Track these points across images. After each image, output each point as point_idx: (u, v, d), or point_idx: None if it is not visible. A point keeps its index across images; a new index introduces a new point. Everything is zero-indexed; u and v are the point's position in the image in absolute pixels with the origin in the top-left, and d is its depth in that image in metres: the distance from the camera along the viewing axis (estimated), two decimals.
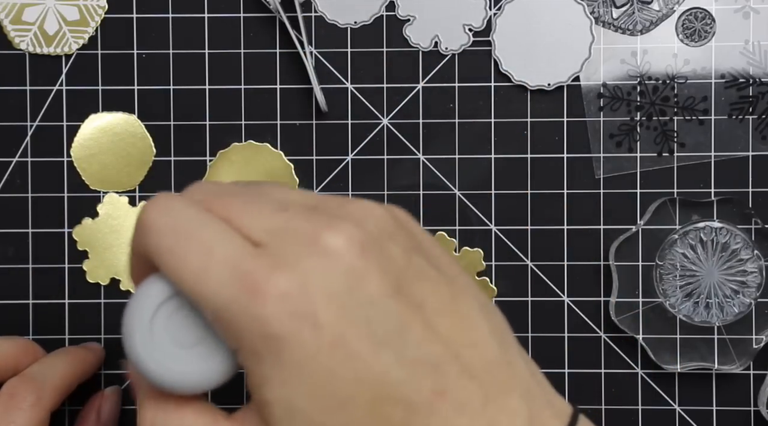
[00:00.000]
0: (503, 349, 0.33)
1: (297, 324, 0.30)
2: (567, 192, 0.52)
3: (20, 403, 0.44)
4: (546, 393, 0.34)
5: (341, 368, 0.30)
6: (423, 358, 0.31)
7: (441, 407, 0.31)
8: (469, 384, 0.31)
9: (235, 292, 0.30)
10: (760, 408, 0.51)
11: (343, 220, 0.31)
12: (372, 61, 0.52)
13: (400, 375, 0.31)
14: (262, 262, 0.30)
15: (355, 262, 0.31)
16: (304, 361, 0.30)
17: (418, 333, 0.31)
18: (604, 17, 0.52)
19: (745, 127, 0.52)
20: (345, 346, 0.30)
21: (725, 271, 0.51)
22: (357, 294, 0.30)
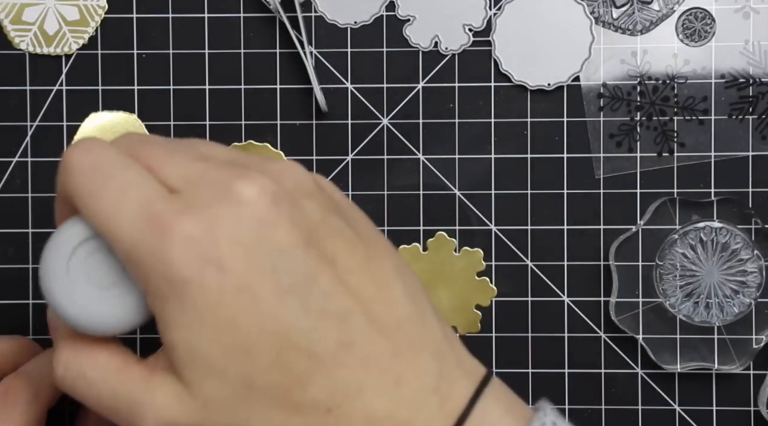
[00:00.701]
0: (416, 309, 0.33)
1: (201, 268, 0.30)
2: (567, 192, 0.52)
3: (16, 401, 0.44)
4: (457, 354, 0.34)
5: (245, 315, 0.30)
6: (330, 309, 0.31)
7: (346, 359, 0.31)
8: (377, 338, 0.32)
9: (143, 233, 0.31)
10: (760, 408, 0.51)
11: (260, 173, 0.32)
12: (372, 61, 0.52)
13: (304, 325, 0.31)
14: (172, 206, 0.31)
15: (264, 211, 0.31)
16: (207, 306, 0.30)
17: (326, 285, 0.31)
18: (604, 17, 0.52)
19: (745, 127, 0.52)
20: (249, 293, 0.30)
21: (725, 271, 0.51)
22: (264, 242, 0.31)
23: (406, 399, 0.32)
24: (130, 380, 0.33)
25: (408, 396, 0.32)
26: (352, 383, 0.31)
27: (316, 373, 0.31)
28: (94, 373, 0.34)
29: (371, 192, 0.52)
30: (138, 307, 0.33)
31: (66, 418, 0.53)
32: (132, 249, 0.31)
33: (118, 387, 0.33)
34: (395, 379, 0.32)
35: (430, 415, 0.32)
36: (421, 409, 0.32)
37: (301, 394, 0.31)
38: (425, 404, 0.32)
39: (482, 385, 0.33)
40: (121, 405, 0.33)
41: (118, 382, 0.33)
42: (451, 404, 0.32)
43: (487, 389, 0.33)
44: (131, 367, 0.33)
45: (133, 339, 0.53)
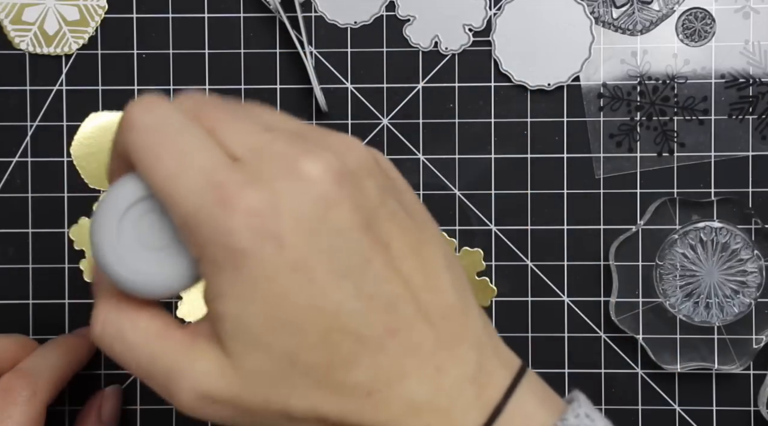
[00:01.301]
0: (461, 300, 0.33)
1: (260, 241, 0.30)
2: (567, 192, 0.52)
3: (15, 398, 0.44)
4: (496, 345, 0.34)
5: (297, 292, 0.30)
6: (381, 294, 0.31)
7: (391, 345, 0.31)
8: (423, 327, 0.32)
9: (204, 200, 0.30)
10: (760, 408, 0.51)
11: (325, 149, 0.31)
12: (372, 61, 0.52)
13: (355, 307, 0.31)
14: (236, 176, 0.30)
15: (329, 190, 0.31)
16: (262, 280, 0.30)
17: (379, 270, 0.31)
18: (604, 17, 0.52)
19: (745, 127, 0.52)
20: (305, 271, 0.30)
21: (725, 271, 0.51)
22: (326, 222, 0.30)
23: (445, 387, 0.32)
24: (170, 346, 0.33)
25: (447, 385, 0.32)
26: (395, 369, 0.31)
27: (360, 356, 0.31)
28: (134, 335, 0.33)
29: None
30: (186, 272, 0.33)
31: (66, 418, 0.53)
32: (191, 215, 0.30)
33: (157, 351, 0.33)
34: (436, 367, 0.32)
35: (468, 405, 0.32)
36: (459, 398, 0.32)
37: (343, 375, 0.31)
38: (463, 393, 0.32)
39: (518, 376, 0.33)
40: (158, 371, 0.33)
41: (157, 346, 0.33)
42: (488, 394, 0.32)
43: (523, 381, 0.33)
44: (172, 332, 0.33)
45: None
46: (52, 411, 0.52)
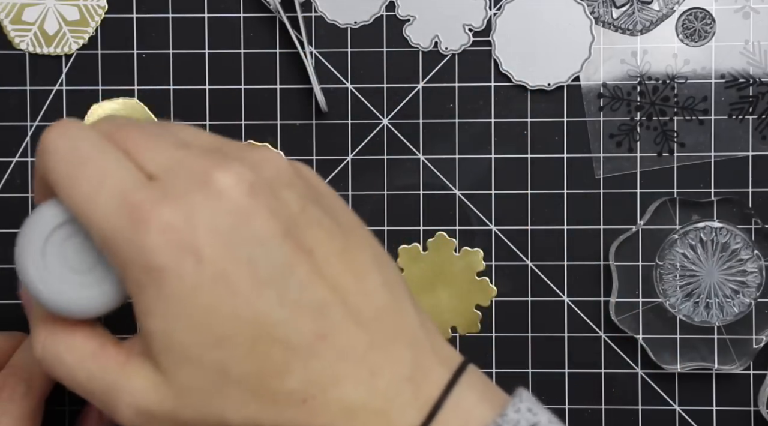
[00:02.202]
0: (393, 299, 0.33)
1: (178, 256, 0.30)
2: (567, 192, 0.52)
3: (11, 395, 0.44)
4: (433, 342, 0.34)
5: (221, 304, 0.31)
6: (307, 301, 0.31)
7: (322, 350, 0.31)
8: (354, 329, 0.32)
9: (120, 221, 0.31)
10: (760, 408, 0.51)
11: (239, 161, 0.32)
12: (372, 61, 0.52)
13: (281, 315, 0.31)
14: (150, 194, 0.31)
15: (242, 201, 0.31)
16: (184, 295, 0.30)
17: (303, 276, 0.31)
18: (604, 17, 0.52)
19: (745, 127, 0.52)
20: (226, 283, 0.31)
21: (725, 271, 0.51)
22: (242, 232, 0.31)
23: (381, 388, 0.32)
24: (105, 365, 0.33)
25: (382, 385, 0.32)
26: (328, 374, 0.31)
27: (291, 363, 0.31)
28: (71, 356, 0.34)
29: (371, 192, 0.52)
30: (113, 292, 0.33)
31: (66, 418, 0.53)
32: (109, 236, 0.31)
33: (94, 371, 0.33)
34: (370, 369, 0.32)
35: (405, 404, 0.32)
36: (396, 398, 0.32)
37: (276, 384, 0.31)
38: (400, 393, 0.32)
39: (458, 373, 0.33)
40: (97, 389, 0.33)
41: (94, 366, 0.33)
42: (426, 393, 0.32)
43: (463, 377, 0.33)
44: (108, 350, 0.33)
45: None
46: (53, 411, 0.52)
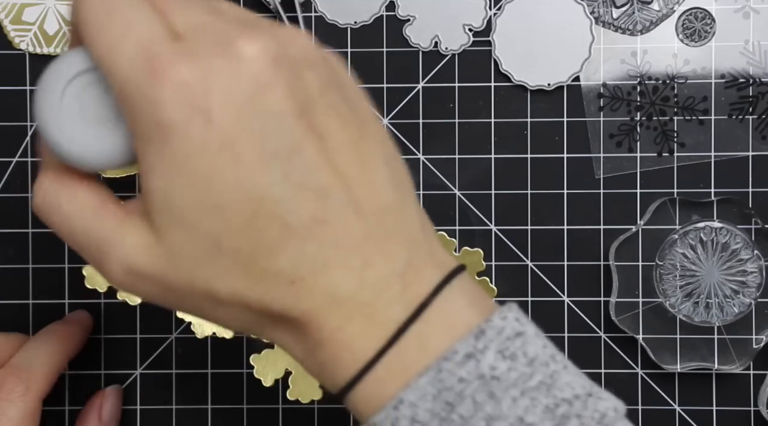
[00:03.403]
0: (398, 198, 0.33)
1: (188, 115, 0.30)
2: (567, 192, 0.52)
3: (9, 395, 0.44)
4: (431, 245, 0.34)
5: (224, 172, 0.30)
6: (310, 183, 0.31)
7: (318, 234, 0.31)
8: (352, 219, 0.32)
9: (138, 72, 0.30)
10: (760, 408, 0.51)
11: (268, 34, 0.31)
12: (372, 61, 0.52)
13: (282, 194, 0.31)
14: (171, 49, 0.30)
15: (262, 72, 0.31)
16: (188, 155, 0.30)
17: (311, 158, 0.31)
18: (604, 17, 0.52)
19: (745, 127, 0.52)
20: (232, 150, 0.30)
21: (725, 271, 0.51)
22: (257, 103, 0.30)
23: (371, 281, 0.32)
24: (103, 219, 0.33)
25: (372, 279, 0.32)
26: (319, 259, 0.31)
27: (285, 243, 0.31)
28: (71, 206, 0.34)
29: None
30: (124, 147, 0.33)
31: (66, 418, 0.53)
32: (125, 85, 0.31)
33: (90, 224, 0.33)
34: (363, 261, 0.32)
35: (392, 299, 0.32)
36: (384, 292, 0.32)
37: (266, 262, 0.31)
38: (388, 288, 0.32)
39: (449, 277, 0.33)
40: (91, 243, 0.33)
41: (92, 218, 0.33)
42: (415, 291, 0.32)
43: (454, 281, 0.33)
44: (107, 206, 0.33)
45: (133, 339, 0.53)
46: (53, 411, 0.52)
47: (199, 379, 0.53)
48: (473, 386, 0.31)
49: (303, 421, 0.52)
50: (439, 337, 0.32)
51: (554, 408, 0.31)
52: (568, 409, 0.31)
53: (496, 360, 0.32)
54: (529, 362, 0.32)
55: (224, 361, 0.52)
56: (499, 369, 0.31)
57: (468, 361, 0.31)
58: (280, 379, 0.51)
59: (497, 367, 0.31)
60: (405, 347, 0.32)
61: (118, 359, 0.53)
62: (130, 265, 0.32)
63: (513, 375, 0.32)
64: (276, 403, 0.52)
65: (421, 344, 0.32)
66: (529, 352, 0.32)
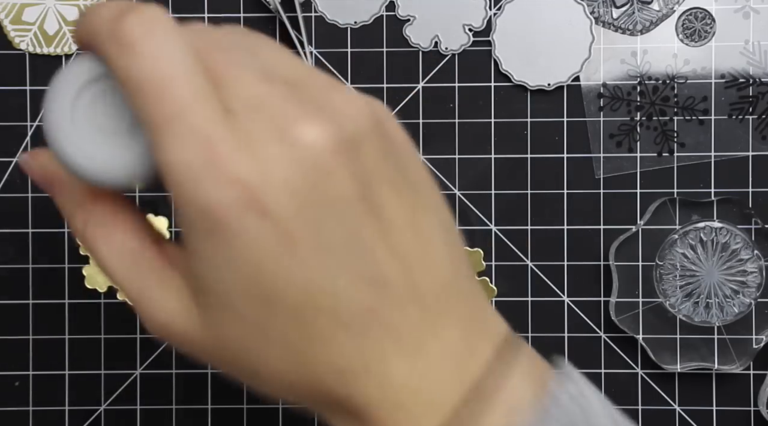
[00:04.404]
0: (455, 272, 0.32)
1: (243, 212, 0.28)
2: (567, 192, 0.52)
3: None
4: (483, 316, 0.32)
5: (277, 266, 0.29)
6: (368, 273, 0.30)
7: (372, 325, 0.30)
8: (409, 307, 0.30)
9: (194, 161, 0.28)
10: (760, 408, 0.51)
11: (323, 111, 0.29)
12: (372, 61, 0.52)
13: (336, 285, 0.29)
14: (229, 140, 0.28)
15: (323, 158, 0.29)
16: (238, 249, 0.29)
17: (370, 245, 0.30)
18: (604, 17, 0.52)
19: (745, 127, 0.52)
20: (287, 243, 0.29)
21: (725, 271, 0.51)
22: (317, 192, 0.29)
23: (426, 369, 0.30)
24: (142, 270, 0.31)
25: (428, 366, 0.30)
26: (374, 350, 0.30)
27: (336, 334, 0.30)
28: (108, 247, 0.32)
29: None
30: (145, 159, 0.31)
31: (66, 417, 0.53)
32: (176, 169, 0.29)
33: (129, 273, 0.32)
34: (416, 347, 0.30)
35: (447, 384, 0.30)
36: (439, 377, 0.31)
37: (316, 352, 0.30)
38: (442, 372, 0.31)
39: (503, 349, 0.32)
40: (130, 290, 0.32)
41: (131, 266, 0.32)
42: (470, 371, 0.31)
43: (508, 353, 0.32)
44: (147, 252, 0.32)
45: (133, 339, 0.53)
46: (53, 411, 0.52)
47: (199, 379, 0.53)
48: None
49: (303, 422, 0.52)
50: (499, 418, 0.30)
51: None
52: None
53: None
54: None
55: None
56: None
57: None
58: None
59: None
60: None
61: (119, 359, 0.53)
62: (165, 324, 0.31)
63: None
64: (276, 403, 0.52)
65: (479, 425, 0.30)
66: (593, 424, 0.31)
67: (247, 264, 0.29)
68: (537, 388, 0.31)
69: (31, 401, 0.53)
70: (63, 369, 0.53)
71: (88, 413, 0.53)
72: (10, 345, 0.53)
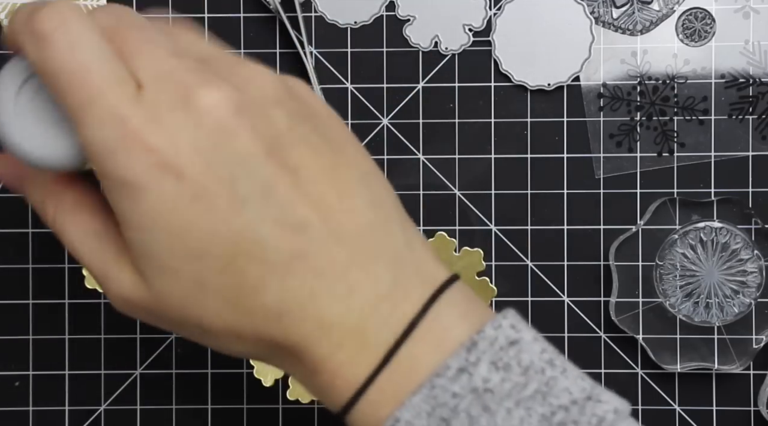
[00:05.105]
0: (378, 217, 0.33)
1: (158, 176, 0.31)
2: (567, 192, 0.52)
3: None
4: (419, 261, 0.34)
5: (199, 221, 0.31)
6: (287, 219, 0.32)
7: (300, 268, 0.32)
8: (334, 248, 0.32)
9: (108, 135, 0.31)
10: (760, 408, 0.51)
11: (225, 79, 0.32)
12: (372, 61, 0.52)
13: (259, 234, 0.31)
14: (138, 112, 0.31)
15: (224, 120, 0.31)
16: (162, 211, 0.31)
17: (285, 194, 0.32)
18: (604, 17, 0.52)
19: (745, 127, 0.52)
20: (205, 201, 0.31)
21: (725, 271, 0.51)
22: (223, 151, 0.31)
23: (357, 306, 0.32)
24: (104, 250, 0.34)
25: (359, 304, 0.32)
26: (305, 291, 0.32)
27: (268, 280, 0.32)
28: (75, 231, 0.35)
29: None
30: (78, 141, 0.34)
31: (66, 417, 0.53)
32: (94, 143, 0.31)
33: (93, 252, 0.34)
34: (348, 287, 0.32)
35: (381, 322, 0.32)
36: (372, 315, 0.32)
37: (252, 299, 0.32)
38: (376, 311, 0.32)
39: (438, 291, 0.33)
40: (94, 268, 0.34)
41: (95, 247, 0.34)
42: (403, 311, 0.32)
43: (444, 295, 0.33)
44: (109, 235, 0.34)
45: (133, 339, 0.53)
46: (53, 411, 0.52)
47: (199, 379, 0.53)
48: (467, 400, 0.31)
49: (303, 421, 0.52)
50: (430, 355, 0.32)
51: (550, 416, 0.31)
52: (564, 416, 0.31)
53: (489, 372, 0.31)
54: (523, 371, 0.32)
55: (224, 361, 0.52)
56: (493, 381, 0.31)
57: (460, 375, 0.31)
58: (280, 379, 0.51)
59: (490, 379, 0.31)
60: (396, 369, 0.32)
61: (119, 359, 0.53)
62: (125, 298, 0.34)
63: (507, 386, 0.31)
64: (276, 403, 0.52)
65: (413, 364, 0.32)
66: (523, 360, 0.32)
67: (170, 223, 0.31)
68: (472, 325, 0.32)
69: (31, 401, 0.53)
70: (63, 369, 0.53)
71: (88, 413, 0.53)
72: (10, 345, 0.53)
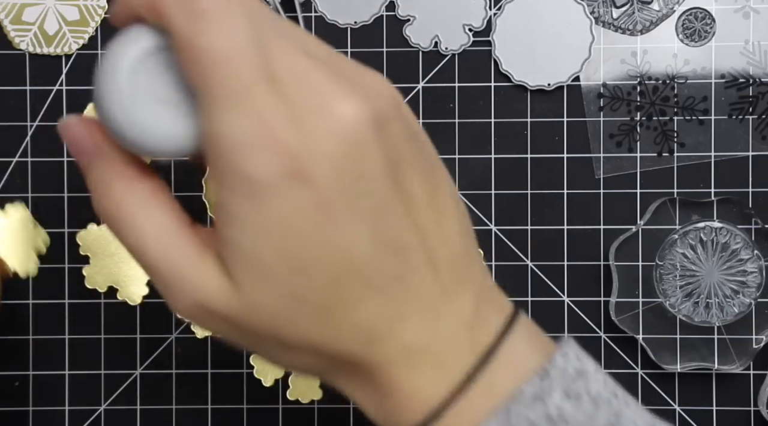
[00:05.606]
0: (466, 247, 0.34)
1: (289, 179, 0.30)
2: (567, 192, 0.52)
3: None
4: (492, 291, 0.35)
5: (317, 232, 0.30)
6: (394, 242, 0.31)
7: (397, 292, 0.32)
8: (429, 275, 0.32)
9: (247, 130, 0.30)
10: (760, 408, 0.51)
11: (360, 88, 0.31)
12: (372, 61, 0.52)
13: (368, 254, 0.31)
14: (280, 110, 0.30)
15: (361, 134, 0.31)
16: (285, 216, 0.30)
17: (397, 217, 0.31)
18: (604, 17, 0.52)
19: (745, 127, 0.52)
20: (328, 212, 0.30)
21: (725, 271, 0.51)
22: (354, 165, 0.30)
23: (442, 333, 0.32)
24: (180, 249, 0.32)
25: (444, 330, 0.32)
26: (396, 314, 0.32)
27: (365, 299, 0.31)
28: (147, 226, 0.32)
29: None
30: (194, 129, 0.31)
31: (66, 417, 0.53)
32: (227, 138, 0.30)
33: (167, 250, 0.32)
34: (435, 314, 0.32)
35: (461, 349, 0.32)
36: (454, 343, 0.32)
37: (344, 315, 0.31)
38: (458, 339, 0.33)
39: (511, 321, 0.34)
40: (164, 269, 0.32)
41: (168, 245, 0.32)
42: (482, 339, 0.33)
43: (516, 325, 0.34)
44: (185, 232, 0.32)
45: (133, 339, 0.53)
46: (53, 411, 0.52)
47: (199, 379, 0.53)
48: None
49: (303, 421, 0.52)
50: (506, 383, 0.32)
51: None
52: None
53: (562, 400, 0.32)
54: (593, 401, 0.32)
55: (224, 361, 0.52)
56: (566, 410, 0.32)
57: (535, 402, 0.32)
58: (280, 379, 0.51)
59: (564, 408, 0.32)
60: (473, 395, 0.32)
61: (119, 359, 0.53)
62: (202, 304, 0.32)
63: (580, 416, 0.32)
64: (276, 403, 0.52)
65: (489, 390, 0.32)
66: (592, 390, 0.32)
67: (288, 229, 0.30)
68: (541, 356, 0.33)
69: (31, 401, 0.53)
70: (63, 369, 0.53)
71: (88, 413, 0.53)
72: (10, 345, 0.53)
